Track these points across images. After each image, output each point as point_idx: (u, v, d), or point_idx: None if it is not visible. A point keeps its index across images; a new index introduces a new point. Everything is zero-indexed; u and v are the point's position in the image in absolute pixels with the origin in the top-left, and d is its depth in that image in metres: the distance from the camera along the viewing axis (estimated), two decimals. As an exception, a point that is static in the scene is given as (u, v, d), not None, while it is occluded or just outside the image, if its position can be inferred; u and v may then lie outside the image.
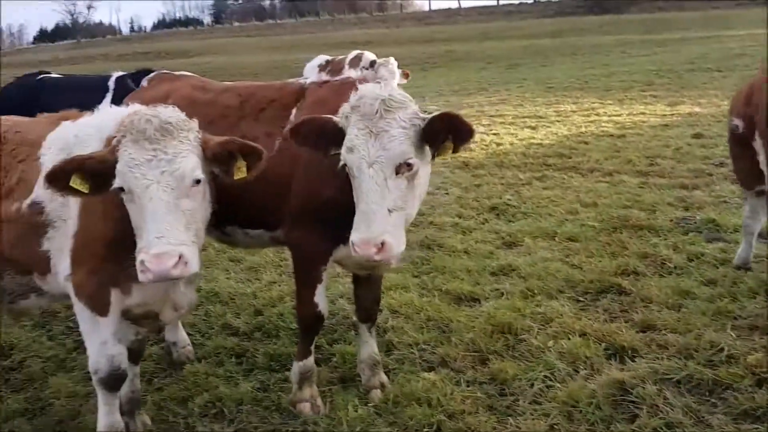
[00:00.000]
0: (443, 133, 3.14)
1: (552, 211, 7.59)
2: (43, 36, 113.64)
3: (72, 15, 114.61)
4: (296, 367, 3.93)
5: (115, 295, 3.16)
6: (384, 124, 3.02)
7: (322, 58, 13.72)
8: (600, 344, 4.42)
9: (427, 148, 3.21)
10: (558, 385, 3.97)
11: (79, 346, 4.84)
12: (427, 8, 70.57)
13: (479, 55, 33.53)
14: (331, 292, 5.55)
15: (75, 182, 2.82)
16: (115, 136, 2.96)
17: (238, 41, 57.76)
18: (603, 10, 55.47)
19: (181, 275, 2.73)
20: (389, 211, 3.00)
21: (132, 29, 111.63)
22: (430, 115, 3.13)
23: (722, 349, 4.17)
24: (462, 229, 7.13)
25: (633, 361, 4.20)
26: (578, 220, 7.18)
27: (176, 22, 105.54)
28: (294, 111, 3.74)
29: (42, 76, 7.39)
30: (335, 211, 3.45)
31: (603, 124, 13.01)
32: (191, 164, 2.86)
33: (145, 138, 2.80)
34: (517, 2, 62.61)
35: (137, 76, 5.61)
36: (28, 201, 3.23)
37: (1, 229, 3.27)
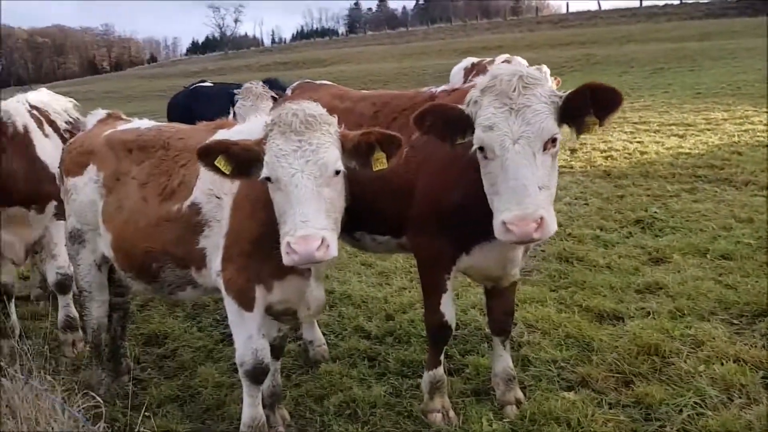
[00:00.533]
0: (586, 106, 2.95)
1: (703, 226, 7.02)
2: (194, 48, 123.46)
3: (221, 28, 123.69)
4: (426, 376, 3.91)
5: (259, 291, 3.32)
6: (525, 100, 2.90)
7: (468, 61, 13.20)
8: (757, 372, 4.04)
9: (564, 128, 3.05)
10: (709, 413, 3.66)
11: (225, 339, 5.16)
12: (563, 10, 68.06)
13: (620, 58, 31.88)
14: (462, 302, 5.49)
15: (220, 162, 3.01)
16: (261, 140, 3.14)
17: (369, 49, 59.17)
18: (755, 11, 50.79)
19: (322, 258, 2.79)
20: (539, 188, 2.85)
21: (273, 41, 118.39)
22: (566, 92, 2.97)
23: None
24: (604, 243, 6.78)
25: (798, 393, 3.77)
26: (732, 236, 6.59)
27: (313, 33, 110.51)
28: None
29: (195, 85, 7.96)
30: (459, 218, 3.42)
31: (758, 134, 11.84)
32: (333, 155, 2.96)
33: (291, 130, 2.92)
34: (661, 3, 58.85)
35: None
36: (188, 202, 3.50)
37: (165, 227, 3.55)
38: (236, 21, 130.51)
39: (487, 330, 4.86)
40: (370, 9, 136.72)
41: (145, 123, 4.18)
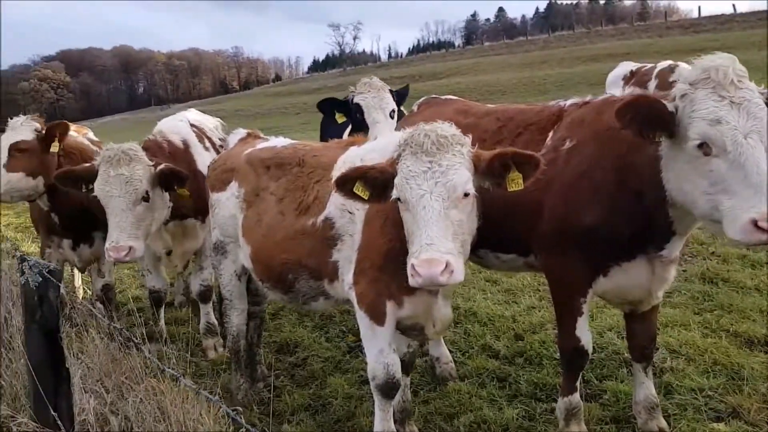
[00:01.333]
0: None
1: None
2: (315, 66, 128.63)
3: (340, 46, 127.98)
4: (562, 402, 3.74)
5: (390, 305, 3.34)
6: (743, 94, 2.73)
7: (626, 68, 12.19)
8: None
9: None
10: None
11: (352, 350, 5.25)
12: (695, 14, 63.90)
13: (759, 64, 29.47)
14: (598, 324, 5.23)
15: (357, 189, 3.06)
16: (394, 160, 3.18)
17: (487, 60, 58.71)
18: None
19: (446, 282, 2.75)
20: None
21: (390, 56, 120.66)
22: None
23: None
24: (751, 263, 6.24)
25: None
26: None
27: (429, 46, 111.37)
28: (550, 134, 3.60)
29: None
30: (596, 239, 3.25)
31: None
32: (463, 177, 2.91)
33: (422, 151, 2.92)
34: (809, 1, 53.69)
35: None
36: (321, 217, 3.60)
37: (301, 240, 3.68)
38: (355, 38, 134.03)
39: (626, 354, 4.60)
40: (487, 19, 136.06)
41: (281, 141, 4.37)
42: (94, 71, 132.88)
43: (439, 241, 2.76)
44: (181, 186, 4.67)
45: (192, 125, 5.64)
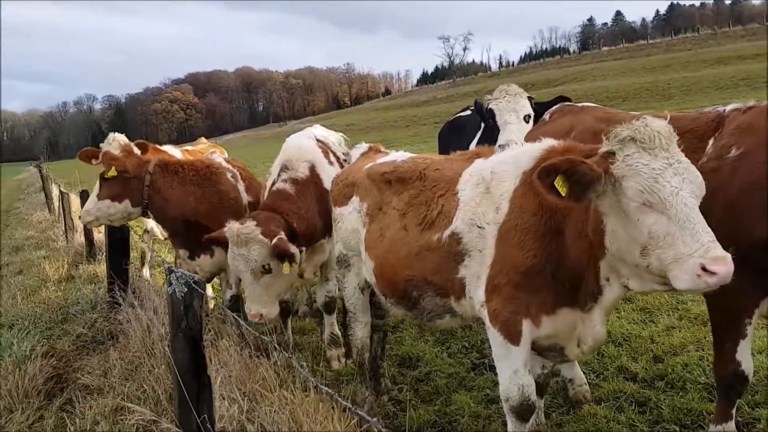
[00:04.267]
0: None
1: None
2: (424, 78, 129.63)
3: (449, 57, 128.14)
4: (714, 430, 3.43)
5: (526, 324, 3.17)
6: None
7: None
8: None
9: None
10: None
11: (476, 367, 5.12)
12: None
13: None
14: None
15: (558, 182, 2.76)
16: (529, 169, 3.08)
17: (605, 65, 56.55)
18: None
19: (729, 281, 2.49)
20: None
21: (500, 65, 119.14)
22: None
23: None
24: None
25: None
26: None
27: (543, 54, 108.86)
28: (711, 141, 3.32)
29: (457, 115, 8.14)
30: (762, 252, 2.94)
31: None
32: (700, 174, 2.70)
33: (656, 146, 2.66)
34: None
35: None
36: (448, 231, 3.49)
37: (425, 256, 3.61)
38: (465, 49, 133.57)
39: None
40: (605, 24, 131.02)
41: (400, 155, 4.33)
42: (219, 92, 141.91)
43: (715, 238, 2.54)
44: (291, 260, 4.75)
45: (318, 140, 5.76)
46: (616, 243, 2.74)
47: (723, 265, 2.42)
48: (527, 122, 5.15)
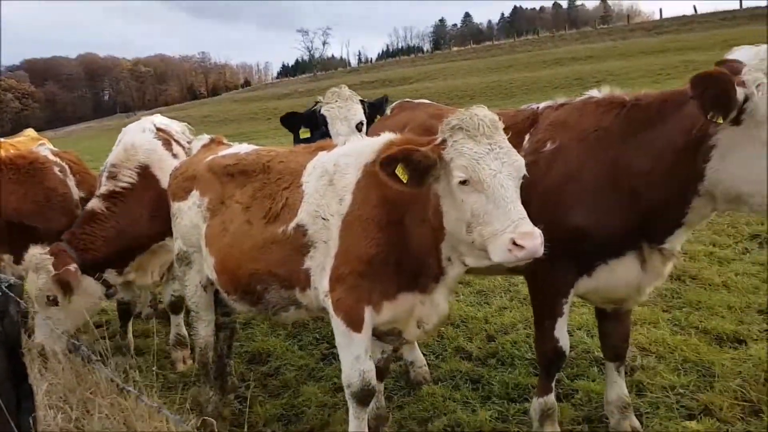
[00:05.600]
0: None
1: (834, 240, 6.42)
2: (285, 71, 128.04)
3: (309, 51, 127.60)
4: (536, 403, 3.74)
5: (368, 312, 3.28)
6: None
7: (755, 54, 11.24)
8: None
9: None
10: None
11: (326, 358, 5.19)
12: (657, 16, 65.38)
13: (721, 63, 30.17)
14: (569, 324, 5.23)
15: (399, 170, 2.91)
16: (371, 162, 3.20)
17: (455, 65, 59.08)
18: None
19: (540, 253, 2.70)
20: None
21: (360, 60, 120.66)
22: None
23: None
24: (718, 260, 6.35)
25: None
26: None
27: (399, 51, 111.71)
28: (527, 137, 3.56)
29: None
30: (584, 240, 3.24)
31: None
32: (522, 159, 2.93)
33: (480, 133, 2.87)
34: (763, 4, 55.25)
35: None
36: (293, 224, 3.51)
37: (270, 249, 3.60)
38: (324, 43, 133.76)
39: (597, 353, 4.65)
40: (455, 25, 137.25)
41: (244, 147, 4.26)
42: (60, 80, 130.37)
43: (526, 215, 2.74)
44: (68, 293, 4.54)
45: (159, 130, 5.46)
46: (450, 223, 2.94)
47: (530, 239, 2.65)
48: (360, 130, 5.15)
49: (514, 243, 2.65)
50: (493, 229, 2.73)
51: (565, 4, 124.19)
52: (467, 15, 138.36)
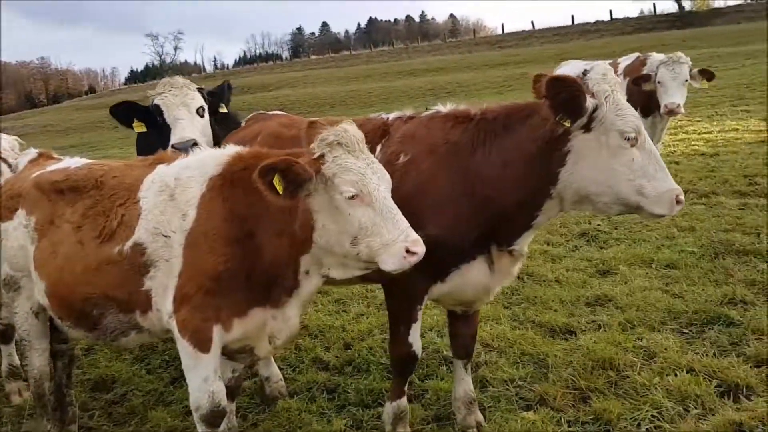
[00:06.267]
0: None
1: (646, 237, 7.23)
2: (134, 77, 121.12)
3: (160, 56, 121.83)
4: (390, 407, 3.84)
5: (216, 330, 3.19)
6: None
7: (577, 66, 10.31)
8: (711, 381, 4.11)
9: None
10: (667, 425, 3.71)
11: (176, 380, 4.98)
12: (499, 31, 69.97)
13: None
14: (421, 325, 5.45)
15: (276, 181, 2.88)
16: (216, 175, 3.19)
17: (314, 73, 59.30)
18: (685, 23, 53.55)
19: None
20: None
21: (216, 67, 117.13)
22: None
23: None
24: (551, 257, 6.90)
25: (749, 399, 3.89)
26: (676, 245, 6.80)
27: (257, 58, 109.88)
28: (379, 148, 3.65)
29: None
30: (438, 248, 3.31)
31: (693, 143, 12.31)
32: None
33: (358, 149, 2.99)
34: (593, 20, 61.19)
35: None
36: (130, 243, 3.33)
37: (105, 270, 3.40)
38: (176, 48, 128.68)
39: (446, 352, 4.87)
40: (312, 33, 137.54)
41: (74, 161, 3.98)
42: None
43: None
44: None
45: None
46: (326, 237, 2.96)
47: (420, 246, 2.85)
48: (201, 116, 4.98)
49: (408, 251, 2.82)
50: (384, 240, 2.86)
51: (417, 18, 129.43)
52: (324, 24, 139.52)
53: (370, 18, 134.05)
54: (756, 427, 3.55)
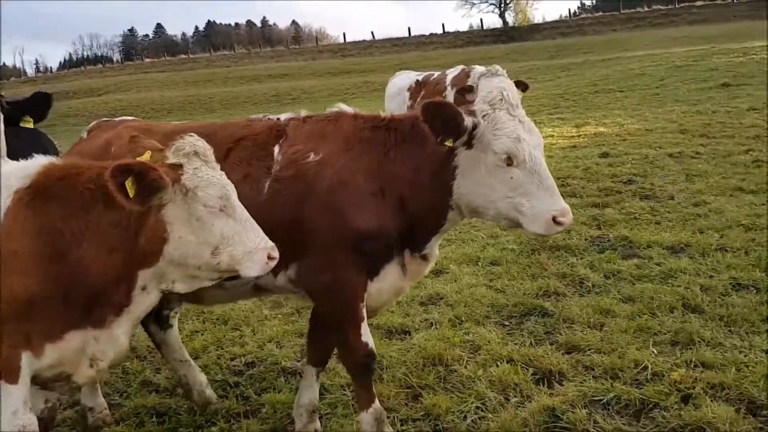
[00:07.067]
0: None
1: (474, 236, 7.69)
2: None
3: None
4: (366, 416, 3.65)
5: (25, 358, 2.90)
6: (521, 113, 3.27)
7: (409, 77, 11.53)
8: (528, 369, 4.44)
9: None
10: (490, 415, 3.94)
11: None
12: (342, 40, 71.07)
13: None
14: (259, 337, 5.37)
15: (128, 183, 2.76)
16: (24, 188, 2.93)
17: (149, 77, 56.33)
18: (509, 38, 58.11)
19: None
20: None
21: (38, 70, 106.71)
22: None
23: (646, 367, 4.27)
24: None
25: (561, 384, 4.25)
26: (499, 243, 7.30)
27: (84, 61, 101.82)
28: (277, 149, 3.53)
29: None
30: (367, 243, 3.37)
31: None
32: None
33: (212, 160, 3.04)
34: (428, 33, 64.27)
35: None
36: None
37: None
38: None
39: (284, 363, 4.83)
40: (147, 36, 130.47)
41: None
42: None
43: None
44: None
45: None
46: (182, 249, 2.87)
47: (276, 251, 2.96)
48: None
49: (269, 256, 2.93)
50: (247, 248, 2.92)
51: (258, 23, 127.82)
52: (159, 26, 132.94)
53: (209, 21, 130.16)
54: (567, 410, 3.87)
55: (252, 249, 2.90)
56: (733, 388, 3.95)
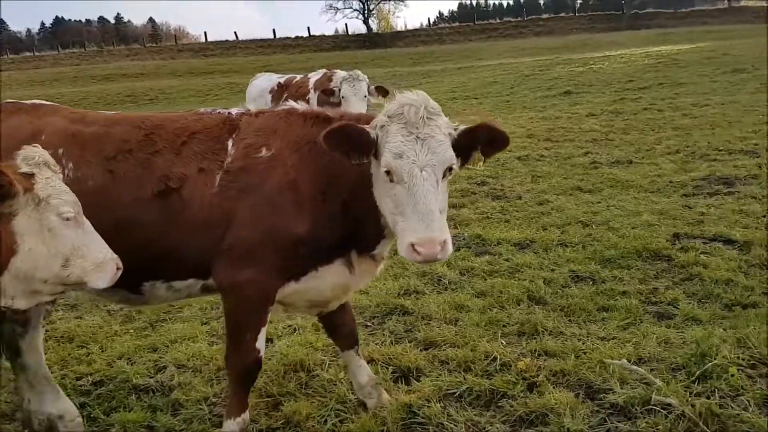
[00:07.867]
0: (478, 143, 3.22)
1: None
2: None
3: None
4: (232, 424, 3.58)
5: None
6: (429, 130, 3.06)
7: (271, 79, 11.54)
8: (387, 367, 4.54)
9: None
10: (351, 417, 3.98)
11: None
12: (203, 40, 68.53)
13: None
14: (108, 354, 5.04)
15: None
16: None
17: (-10, 76, 51.11)
18: (373, 44, 59.30)
19: None
20: (440, 212, 3.01)
21: None
22: (462, 127, 3.21)
23: (495, 358, 4.51)
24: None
25: (418, 380, 4.38)
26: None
27: None
28: (230, 143, 3.47)
29: None
30: (301, 247, 3.31)
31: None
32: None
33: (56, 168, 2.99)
34: (293, 36, 63.86)
35: None
36: None
37: None
38: None
39: (136, 381, 4.57)
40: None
41: None
42: None
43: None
44: None
45: None
46: (31, 261, 2.76)
47: (120, 261, 2.96)
48: None
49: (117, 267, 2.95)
50: (96, 259, 2.89)
51: (112, 19, 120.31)
52: (2, 21, 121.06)
53: (57, 17, 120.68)
54: (423, 405, 3.99)
55: (102, 260, 2.88)
56: (573, 374, 4.28)
